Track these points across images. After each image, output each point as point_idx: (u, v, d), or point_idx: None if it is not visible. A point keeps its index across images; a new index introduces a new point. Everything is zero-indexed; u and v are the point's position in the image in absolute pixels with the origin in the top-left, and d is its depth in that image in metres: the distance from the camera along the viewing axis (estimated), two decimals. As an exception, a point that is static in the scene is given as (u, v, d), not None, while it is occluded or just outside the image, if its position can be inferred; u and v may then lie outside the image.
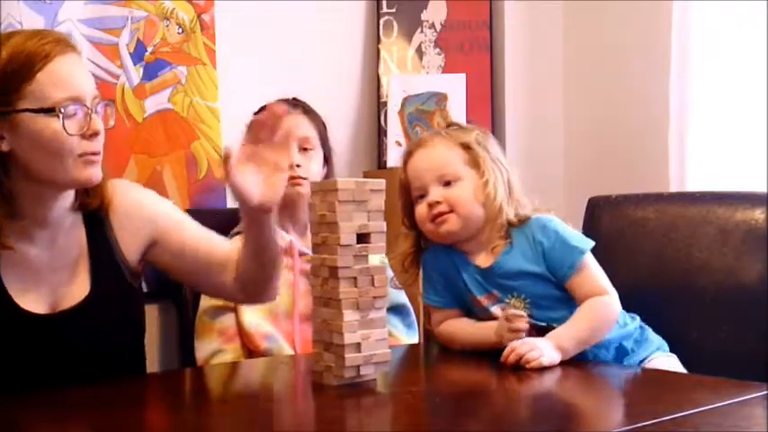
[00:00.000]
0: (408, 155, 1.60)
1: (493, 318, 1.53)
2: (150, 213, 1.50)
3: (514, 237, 1.53)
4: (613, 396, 1.25)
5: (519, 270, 1.51)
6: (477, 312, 1.58)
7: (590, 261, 1.51)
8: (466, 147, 1.56)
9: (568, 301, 1.50)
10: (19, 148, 1.32)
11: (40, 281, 1.39)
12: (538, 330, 1.47)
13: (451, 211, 1.53)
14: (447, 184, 1.54)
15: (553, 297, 1.51)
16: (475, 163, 1.55)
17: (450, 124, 1.66)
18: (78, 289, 1.42)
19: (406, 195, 1.59)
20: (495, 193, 1.53)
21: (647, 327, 1.62)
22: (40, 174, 1.33)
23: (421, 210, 1.56)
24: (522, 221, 1.54)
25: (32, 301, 1.37)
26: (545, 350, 1.37)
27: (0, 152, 1.32)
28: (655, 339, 1.61)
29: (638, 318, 1.62)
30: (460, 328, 1.58)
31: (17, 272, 1.36)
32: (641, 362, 1.56)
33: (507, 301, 1.53)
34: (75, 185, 1.38)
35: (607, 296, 1.48)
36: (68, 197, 1.42)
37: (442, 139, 1.58)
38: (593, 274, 1.50)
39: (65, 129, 1.30)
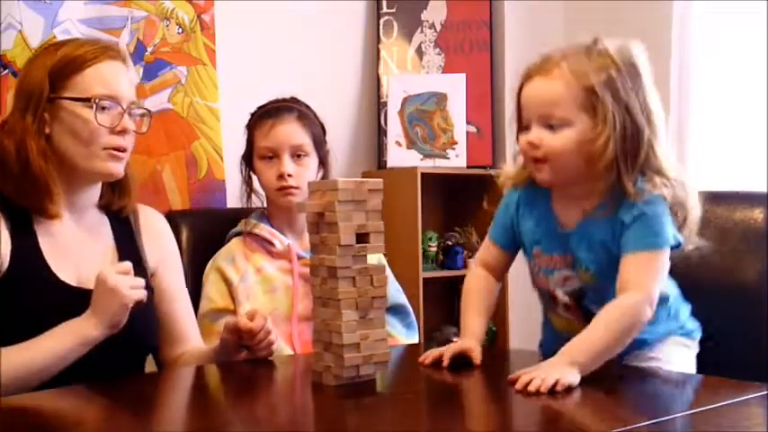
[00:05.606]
0: (527, 78, 1.40)
1: (543, 282, 1.46)
2: (165, 246, 1.67)
3: (618, 209, 1.35)
4: (613, 396, 1.25)
5: (601, 242, 1.37)
6: (532, 267, 1.48)
7: (654, 257, 1.33)
8: (590, 90, 1.33)
9: None
10: (56, 132, 1.47)
11: (68, 253, 1.50)
12: (586, 320, 1.35)
13: (546, 160, 1.36)
14: (550, 127, 1.35)
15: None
16: (592, 109, 1.33)
17: (595, 41, 1.38)
18: None
19: (519, 118, 1.42)
20: (604, 150, 1.32)
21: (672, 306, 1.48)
22: (71, 159, 1.47)
23: (522, 142, 1.39)
24: (636, 198, 1.34)
25: (63, 270, 1.47)
26: (557, 375, 1.19)
27: (45, 135, 1.47)
28: (673, 321, 1.48)
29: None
30: (476, 289, 1.50)
31: (50, 241, 1.48)
32: (645, 342, 1.44)
33: (574, 272, 1.41)
34: (98, 176, 1.52)
35: (639, 295, 1.30)
36: (96, 190, 1.56)
37: (564, 75, 1.34)
38: (644, 267, 1.32)
39: (96, 119, 1.45)
